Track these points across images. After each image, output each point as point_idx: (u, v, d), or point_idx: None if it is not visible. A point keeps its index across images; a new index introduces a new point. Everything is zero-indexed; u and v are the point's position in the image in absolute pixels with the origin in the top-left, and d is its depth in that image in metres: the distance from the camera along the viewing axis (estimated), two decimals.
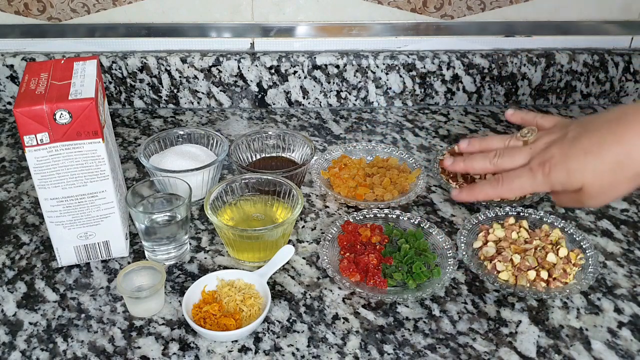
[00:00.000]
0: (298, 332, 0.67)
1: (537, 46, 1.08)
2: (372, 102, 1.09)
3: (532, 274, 0.72)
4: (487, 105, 1.12)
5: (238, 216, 0.79)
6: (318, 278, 0.74)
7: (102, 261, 0.75)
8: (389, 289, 0.71)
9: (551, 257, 0.73)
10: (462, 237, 0.77)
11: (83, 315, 0.68)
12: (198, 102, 1.09)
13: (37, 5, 1.01)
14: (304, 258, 0.76)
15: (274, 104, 1.09)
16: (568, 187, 0.60)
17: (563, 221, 0.80)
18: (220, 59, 1.04)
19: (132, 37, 1.04)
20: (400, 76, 1.07)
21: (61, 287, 0.72)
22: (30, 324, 0.68)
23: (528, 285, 0.71)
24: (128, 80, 1.06)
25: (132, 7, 1.02)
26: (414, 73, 1.06)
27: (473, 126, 1.05)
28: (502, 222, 0.80)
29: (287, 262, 0.74)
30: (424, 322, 0.68)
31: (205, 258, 0.76)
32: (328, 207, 0.85)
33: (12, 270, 0.74)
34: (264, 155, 0.91)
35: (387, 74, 1.06)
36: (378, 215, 0.81)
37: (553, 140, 0.63)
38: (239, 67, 1.05)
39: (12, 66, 1.04)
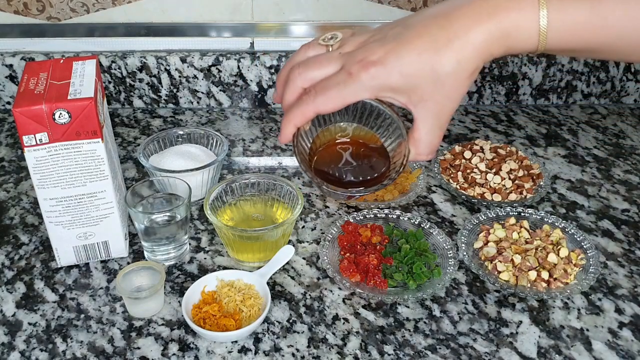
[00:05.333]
0: (298, 332, 0.67)
1: None
2: None
3: (532, 274, 0.71)
4: (487, 105, 1.11)
5: (238, 216, 0.78)
6: (318, 278, 0.73)
7: (102, 261, 0.75)
8: (390, 290, 0.71)
9: (552, 258, 0.73)
10: (462, 238, 0.77)
11: (82, 316, 0.68)
12: (198, 102, 1.09)
13: (37, 5, 1.01)
14: (304, 258, 0.76)
15: (273, 104, 1.09)
16: (397, 88, 0.51)
17: (564, 221, 0.80)
18: (220, 58, 1.04)
19: (131, 36, 1.04)
20: None
21: (60, 287, 0.72)
22: (30, 324, 0.67)
23: (529, 285, 0.71)
24: (127, 79, 1.06)
25: (131, 7, 1.02)
26: None
27: (474, 126, 1.05)
28: (502, 222, 0.80)
29: (287, 263, 0.74)
30: (425, 322, 0.68)
31: (205, 258, 0.76)
32: (328, 207, 0.85)
33: (11, 270, 0.74)
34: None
35: None
36: (378, 215, 0.81)
37: (366, 40, 0.53)
38: (238, 67, 1.05)
39: (11, 66, 1.04)
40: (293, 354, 0.64)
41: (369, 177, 0.60)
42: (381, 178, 0.59)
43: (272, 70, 1.05)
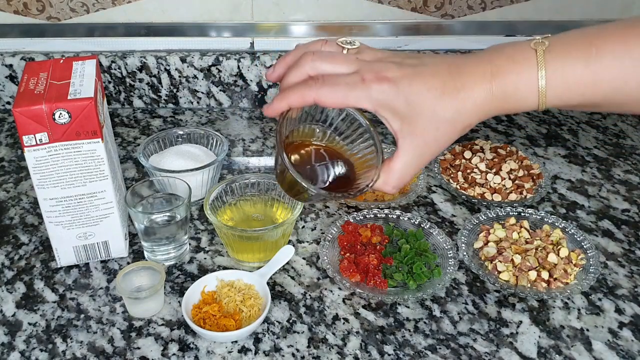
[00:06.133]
0: (298, 332, 0.67)
1: None
2: None
3: (533, 274, 0.71)
4: None
5: (238, 216, 0.78)
6: (318, 278, 0.73)
7: (102, 261, 0.75)
8: (390, 290, 0.71)
9: (552, 258, 0.73)
10: (462, 238, 0.77)
11: (82, 316, 0.68)
12: (198, 102, 1.09)
13: (37, 5, 1.01)
14: (304, 258, 0.76)
15: None
16: (397, 112, 0.52)
17: (564, 221, 0.80)
18: (220, 58, 1.04)
19: (131, 36, 1.04)
20: None
21: (60, 287, 0.72)
22: (30, 324, 0.67)
23: (529, 285, 0.71)
24: (127, 79, 1.06)
25: (131, 7, 1.02)
26: None
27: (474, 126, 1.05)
28: (503, 222, 0.80)
29: (287, 263, 0.74)
30: (425, 322, 0.68)
31: (205, 258, 0.76)
32: (328, 207, 0.85)
33: (11, 270, 0.74)
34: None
35: None
36: (378, 215, 0.81)
37: (384, 57, 0.55)
38: (238, 67, 1.05)
39: (11, 66, 1.04)
40: (293, 354, 0.64)
41: (330, 182, 0.60)
42: (342, 189, 0.59)
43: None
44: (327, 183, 0.60)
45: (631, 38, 0.49)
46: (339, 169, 0.61)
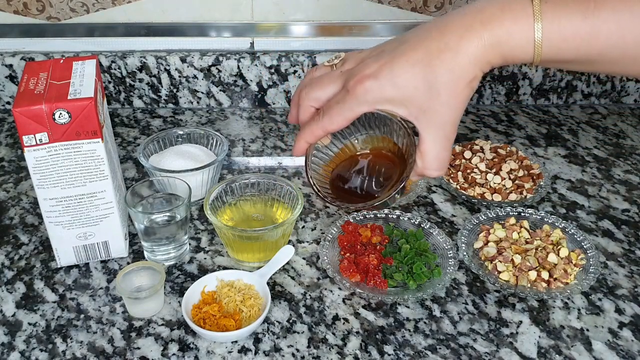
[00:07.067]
0: (298, 332, 0.67)
1: None
2: None
3: (533, 275, 0.71)
4: (487, 105, 1.11)
5: (238, 216, 0.78)
6: (318, 278, 0.73)
7: (102, 261, 0.75)
8: (390, 290, 0.71)
9: (552, 258, 0.73)
10: (462, 238, 0.77)
11: (82, 316, 0.68)
12: (197, 102, 1.09)
13: (36, 5, 1.01)
14: (304, 258, 0.76)
15: (273, 104, 1.09)
16: (394, 100, 0.52)
17: (564, 221, 0.80)
18: (220, 58, 1.04)
19: (131, 36, 1.04)
20: None
21: (60, 287, 0.72)
22: (30, 324, 0.67)
23: (529, 285, 0.71)
24: (127, 79, 1.06)
25: (131, 7, 1.02)
26: None
27: (474, 126, 1.05)
28: (502, 222, 0.80)
29: (287, 263, 0.74)
30: (425, 322, 0.68)
31: (205, 258, 0.76)
32: (328, 207, 0.85)
33: (11, 270, 0.74)
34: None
35: None
36: (378, 215, 0.81)
37: (365, 56, 0.55)
38: (238, 67, 1.05)
39: (11, 66, 1.04)
40: (293, 354, 0.64)
41: (379, 186, 0.60)
42: (394, 184, 0.60)
43: (272, 70, 1.05)
44: (378, 185, 0.60)
45: None
46: (387, 167, 0.60)
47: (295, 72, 1.05)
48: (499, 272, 0.72)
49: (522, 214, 0.81)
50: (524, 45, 0.50)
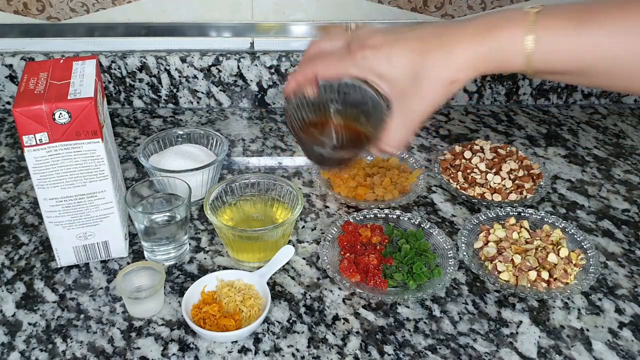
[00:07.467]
0: (298, 332, 0.67)
1: None
2: None
3: (533, 275, 0.71)
4: (487, 105, 1.11)
5: (238, 216, 0.78)
6: (318, 278, 0.73)
7: (102, 261, 0.75)
8: (390, 290, 0.71)
9: (552, 258, 0.73)
10: (462, 238, 0.77)
11: (82, 316, 0.68)
12: (197, 102, 1.09)
13: (37, 5, 1.01)
14: (304, 258, 0.76)
15: (273, 104, 1.09)
16: (383, 75, 0.56)
17: (564, 221, 0.80)
18: (220, 58, 1.04)
19: (131, 36, 1.04)
20: None
21: (60, 287, 0.72)
22: (30, 324, 0.67)
23: (529, 285, 0.71)
24: (127, 79, 1.06)
25: (131, 7, 1.02)
26: None
27: (474, 126, 1.05)
28: (503, 222, 0.80)
29: (287, 263, 0.74)
30: (425, 322, 0.68)
31: (205, 258, 0.76)
32: (328, 207, 0.85)
33: (11, 270, 0.74)
34: None
35: None
36: (378, 215, 0.81)
37: (376, 31, 0.58)
38: (238, 67, 1.05)
39: (11, 66, 1.04)
40: (293, 354, 0.64)
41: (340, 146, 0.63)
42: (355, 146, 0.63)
43: (272, 70, 1.05)
44: (341, 145, 0.63)
45: (625, 7, 0.49)
46: (354, 135, 0.63)
47: None
48: (499, 272, 0.72)
49: (522, 214, 0.81)
50: (516, 55, 0.51)
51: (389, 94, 0.57)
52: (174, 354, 0.64)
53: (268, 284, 0.70)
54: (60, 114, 0.64)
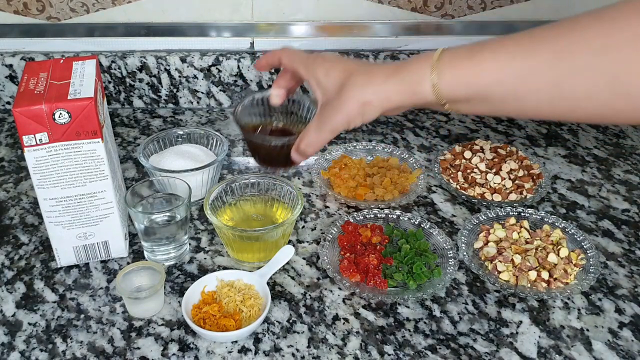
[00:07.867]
0: (298, 332, 0.67)
1: None
2: None
3: (533, 275, 0.71)
4: None
5: (238, 216, 0.78)
6: (318, 278, 0.73)
7: (102, 261, 0.75)
8: (390, 290, 0.71)
9: (552, 258, 0.73)
10: (462, 238, 0.77)
11: (82, 316, 0.68)
12: (198, 102, 1.09)
13: (36, 5, 1.01)
14: (304, 258, 0.76)
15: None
16: (320, 82, 0.63)
17: (564, 221, 0.80)
18: (220, 58, 1.04)
19: (131, 36, 1.04)
20: None
21: (60, 287, 0.72)
22: (30, 324, 0.67)
23: (529, 285, 0.71)
24: (127, 79, 1.06)
25: (131, 7, 1.01)
26: None
27: (474, 126, 1.05)
28: (503, 222, 0.80)
29: (287, 263, 0.74)
30: (425, 322, 0.68)
31: (205, 258, 0.76)
32: (328, 207, 0.85)
33: (11, 270, 0.74)
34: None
35: None
36: (378, 215, 0.81)
37: (339, 56, 0.69)
38: (238, 67, 1.05)
39: (11, 66, 1.04)
40: (293, 354, 0.64)
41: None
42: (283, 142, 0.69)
43: (272, 70, 1.05)
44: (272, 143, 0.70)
45: (516, 36, 0.55)
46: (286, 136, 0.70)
47: None
48: (499, 272, 0.72)
49: (522, 214, 0.81)
50: (424, 87, 0.58)
51: (319, 99, 0.64)
52: (174, 354, 0.64)
53: (268, 284, 0.70)
54: (60, 114, 0.64)
